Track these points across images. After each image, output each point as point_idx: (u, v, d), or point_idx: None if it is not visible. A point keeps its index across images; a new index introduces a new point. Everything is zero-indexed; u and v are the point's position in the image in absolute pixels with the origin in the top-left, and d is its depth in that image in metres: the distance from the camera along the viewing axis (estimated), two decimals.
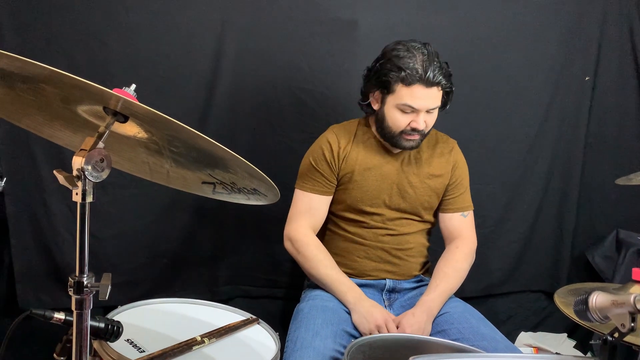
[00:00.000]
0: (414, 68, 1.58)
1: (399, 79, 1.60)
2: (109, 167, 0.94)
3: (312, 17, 2.08)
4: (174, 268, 2.13)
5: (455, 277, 1.76)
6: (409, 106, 1.62)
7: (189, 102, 2.02)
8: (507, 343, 1.56)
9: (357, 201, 1.75)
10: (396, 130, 1.67)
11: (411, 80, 1.59)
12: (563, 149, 2.44)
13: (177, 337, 1.33)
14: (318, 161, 1.75)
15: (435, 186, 1.80)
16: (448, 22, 2.21)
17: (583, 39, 2.37)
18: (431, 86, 1.60)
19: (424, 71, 1.58)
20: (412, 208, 1.79)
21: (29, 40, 1.84)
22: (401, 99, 1.62)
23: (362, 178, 1.74)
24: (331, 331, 1.53)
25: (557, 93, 2.39)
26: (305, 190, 1.77)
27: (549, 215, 2.47)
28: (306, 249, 1.73)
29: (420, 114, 1.64)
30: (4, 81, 0.89)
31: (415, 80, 1.59)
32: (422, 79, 1.59)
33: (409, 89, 1.60)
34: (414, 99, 1.61)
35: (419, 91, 1.60)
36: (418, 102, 1.62)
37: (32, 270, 1.99)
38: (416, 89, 1.60)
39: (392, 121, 1.67)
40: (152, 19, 1.94)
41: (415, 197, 1.78)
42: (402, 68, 1.59)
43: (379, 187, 1.75)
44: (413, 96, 1.61)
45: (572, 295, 1.18)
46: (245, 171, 0.97)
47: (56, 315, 1.08)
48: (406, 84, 1.60)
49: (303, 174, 1.79)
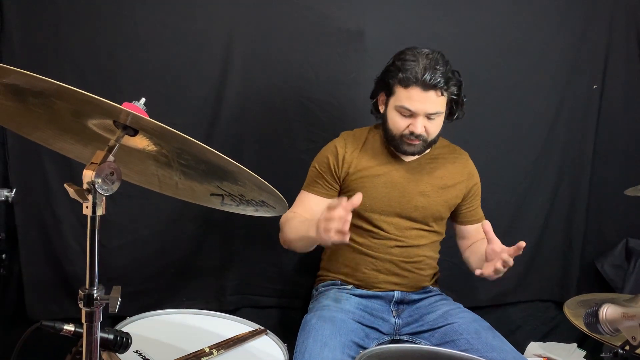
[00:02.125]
0: (413, 70, 1.60)
1: (397, 81, 1.63)
2: (119, 180, 0.95)
3: (320, 28, 2.08)
4: (182, 278, 2.13)
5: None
6: (406, 109, 1.63)
7: (196, 112, 2.03)
8: (516, 354, 1.55)
9: (366, 209, 1.74)
10: (396, 133, 1.68)
11: (408, 82, 1.60)
12: (571, 158, 2.43)
13: (186, 348, 1.33)
14: (321, 164, 1.78)
15: (448, 197, 1.80)
16: (455, 31, 2.21)
17: (590, 47, 2.37)
18: (428, 89, 1.60)
19: (422, 74, 1.59)
20: (423, 218, 1.78)
21: (38, 53, 1.86)
22: (399, 101, 1.64)
23: (372, 185, 1.74)
24: (339, 342, 1.52)
25: (565, 101, 2.38)
26: (305, 190, 1.81)
27: (558, 224, 2.45)
28: (285, 223, 1.74)
29: (418, 118, 1.64)
30: (15, 96, 0.90)
31: (412, 82, 1.60)
32: (418, 81, 1.59)
33: (406, 91, 1.62)
34: (410, 101, 1.62)
35: (415, 94, 1.61)
36: (415, 105, 1.62)
37: (41, 280, 1.99)
38: (413, 91, 1.61)
39: (392, 123, 1.68)
40: (160, 30, 1.96)
41: (427, 206, 1.77)
42: (401, 70, 1.61)
43: (389, 194, 1.74)
44: (410, 98, 1.62)
45: (582, 306, 1.17)
46: (253, 184, 0.98)
47: (66, 327, 1.08)
48: (404, 86, 1.62)
49: (309, 177, 1.82)
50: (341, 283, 1.81)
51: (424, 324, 1.72)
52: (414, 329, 1.73)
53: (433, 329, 1.69)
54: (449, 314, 1.71)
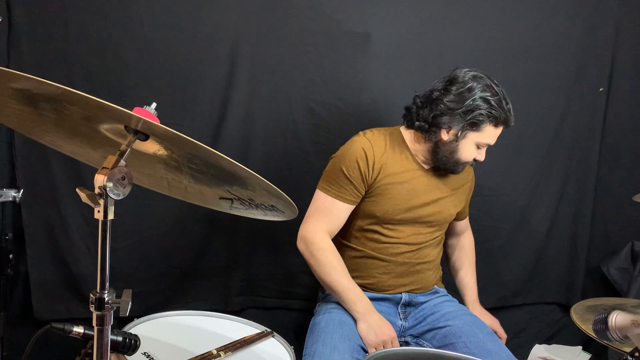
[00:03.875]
0: (504, 111, 1.64)
1: (492, 121, 1.65)
2: (130, 184, 0.95)
3: (326, 30, 2.08)
4: (188, 278, 2.14)
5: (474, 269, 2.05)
6: (487, 144, 1.70)
7: (203, 115, 2.04)
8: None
9: (388, 215, 1.73)
10: (465, 161, 1.72)
11: (501, 122, 1.66)
12: (577, 160, 2.43)
13: (193, 350, 1.34)
14: (351, 169, 1.69)
15: (458, 200, 1.85)
16: (460, 34, 2.21)
17: (597, 50, 2.37)
18: (507, 127, 1.69)
19: (508, 114, 1.65)
20: (437, 222, 1.80)
21: (47, 56, 1.86)
22: (486, 139, 1.68)
23: (396, 191, 1.72)
24: (348, 346, 1.53)
25: (571, 104, 2.38)
26: (329, 194, 1.71)
27: (564, 226, 2.45)
28: (322, 253, 1.69)
29: (484, 149, 1.72)
30: (27, 100, 0.91)
31: (502, 123, 1.66)
32: (507, 123, 1.67)
33: (495, 130, 1.67)
34: (493, 138, 1.69)
35: (498, 132, 1.68)
36: (493, 141, 1.70)
37: (47, 281, 2.00)
38: (499, 130, 1.68)
39: (465, 155, 1.70)
40: (167, 32, 1.96)
41: (442, 211, 1.80)
42: (496, 109, 1.63)
43: (410, 201, 1.74)
44: (494, 136, 1.68)
45: (590, 312, 1.17)
46: (263, 189, 0.98)
47: (75, 329, 1.08)
48: (495, 125, 1.66)
49: (331, 178, 1.72)
50: None
51: (426, 324, 1.73)
52: (417, 329, 1.75)
53: (434, 329, 1.70)
54: (451, 315, 1.73)
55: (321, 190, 1.74)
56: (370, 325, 1.61)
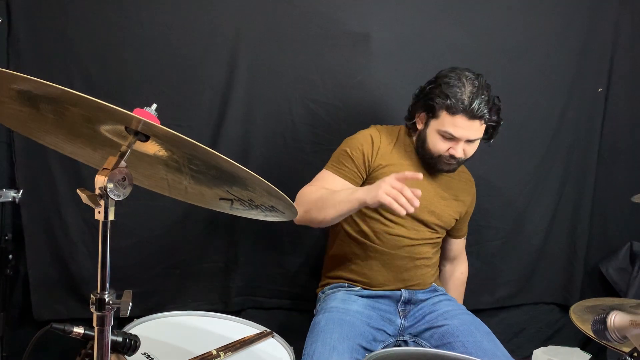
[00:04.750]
0: (460, 98, 1.62)
1: (444, 106, 1.64)
2: (130, 185, 0.95)
3: (325, 30, 2.08)
4: (188, 279, 2.14)
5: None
6: (450, 134, 1.66)
7: (203, 115, 2.04)
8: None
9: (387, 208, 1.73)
10: (435, 153, 1.71)
11: (455, 110, 1.63)
12: (576, 161, 2.43)
13: (193, 351, 1.34)
14: (354, 150, 1.75)
15: (457, 210, 1.87)
16: (461, 34, 2.21)
17: (595, 50, 2.37)
18: (474, 119, 1.64)
19: (469, 103, 1.61)
20: (435, 223, 1.82)
21: (46, 57, 1.86)
22: (443, 126, 1.66)
23: None
24: (348, 346, 1.53)
25: (570, 105, 2.38)
26: (329, 169, 1.76)
27: (562, 227, 2.46)
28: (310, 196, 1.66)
29: (459, 143, 1.68)
30: (28, 101, 0.91)
31: (460, 111, 1.62)
32: (466, 110, 1.62)
33: (452, 118, 1.64)
34: (455, 128, 1.65)
35: (461, 121, 1.64)
36: (459, 132, 1.65)
37: (47, 281, 2.00)
38: (459, 119, 1.64)
39: (432, 144, 1.71)
40: (166, 32, 1.96)
41: (441, 213, 1.81)
42: (449, 96, 1.62)
43: None
44: (455, 125, 1.65)
45: (589, 312, 1.18)
46: (263, 189, 0.98)
47: (75, 330, 1.08)
48: (450, 113, 1.64)
49: (335, 158, 1.79)
50: (348, 285, 1.81)
51: (424, 322, 1.74)
52: (415, 328, 1.75)
53: (432, 327, 1.70)
54: (449, 314, 1.73)
55: (325, 169, 1.79)
56: (371, 196, 1.49)
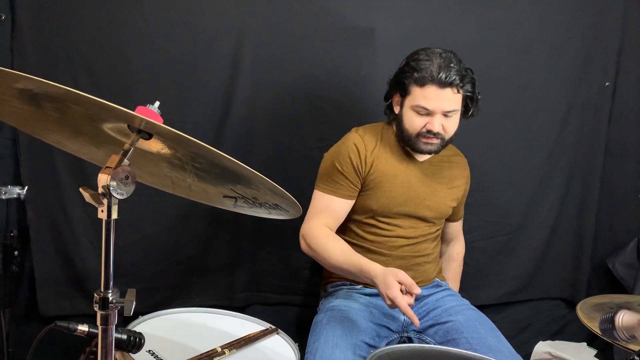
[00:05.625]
0: (428, 69, 1.61)
1: (412, 80, 1.63)
2: (133, 183, 0.95)
3: (330, 25, 2.07)
4: (192, 275, 2.14)
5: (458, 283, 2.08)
6: (423, 107, 1.64)
7: (207, 111, 2.03)
8: (513, 356, 1.55)
9: (383, 208, 1.74)
10: (412, 132, 1.69)
11: (424, 80, 1.61)
12: (583, 156, 2.41)
13: (198, 348, 1.34)
14: (344, 164, 1.72)
15: (454, 197, 1.85)
16: (466, 28, 2.19)
17: (603, 44, 2.34)
18: (444, 87, 1.62)
19: (437, 72, 1.60)
20: (433, 216, 1.81)
21: (50, 53, 1.86)
22: (415, 100, 1.64)
23: (390, 185, 1.74)
24: (350, 343, 1.53)
25: (577, 99, 2.36)
26: (326, 192, 1.74)
27: (569, 222, 2.44)
28: (316, 241, 1.67)
29: (435, 116, 1.65)
30: (31, 100, 0.91)
31: (428, 81, 1.61)
32: (434, 80, 1.61)
33: (422, 90, 1.63)
34: (427, 99, 1.63)
35: (431, 92, 1.62)
36: (431, 103, 1.63)
37: (52, 277, 2.01)
38: (429, 89, 1.62)
39: (408, 123, 1.69)
40: (170, 28, 1.95)
41: (438, 206, 1.80)
42: (417, 69, 1.62)
43: (405, 194, 1.75)
44: (426, 97, 1.62)
45: (596, 310, 1.17)
46: (267, 188, 0.98)
47: (80, 328, 1.08)
48: (420, 85, 1.63)
49: (325, 176, 1.75)
50: (350, 283, 1.81)
51: (429, 319, 1.72)
52: (420, 324, 1.72)
53: (437, 324, 1.69)
54: (453, 310, 1.72)
55: (318, 190, 1.76)
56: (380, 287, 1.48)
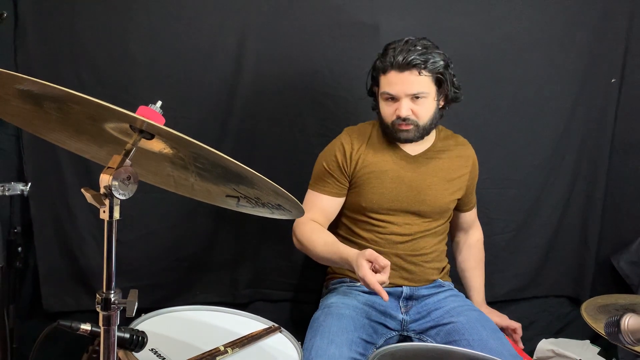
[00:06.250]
0: (389, 55, 1.62)
1: (380, 70, 1.66)
2: (135, 183, 0.94)
3: (334, 21, 2.06)
4: (195, 271, 2.14)
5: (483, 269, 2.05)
6: (387, 93, 1.65)
7: (210, 107, 2.02)
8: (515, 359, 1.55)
9: (374, 205, 1.73)
10: (387, 121, 1.70)
11: (385, 67, 1.63)
12: (588, 152, 2.39)
13: (201, 346, 1.34)
14: (330, 163, 1.76)
15: (454, 190, 1.81)
16: (471, 24, 2.18)
17: (609, 40, 2.32)
18: (403, 70, 1.61)
19: (396, 56, 1.60)
20: (430, 212, 1.77)
21: (53, 49, 1.85)
22: (382, 88, 1.67)
23: (379, 180, 1.73)
24: (347, 339, 1.53)
25: (583, 95, 2.34)
26: (314, 189, 1.78)
27: (574, 219, 2.43)
28: (303, 235, 1.72)
29: (402, 101, 1.64)
30: (32, 100, 0.90)
31: (388, 67, 1.62)
32: (393, 64, 1.61)
33: (385, 77, 1.65)
34: (390, 85, 1.64)
35: (393, 77, 1.63)
36: (394, 88, 1.64)
37: (56, 273, 2.01)
38: (390, 75, 1.63)
39: (382, 112, 1.71)
40: (173, 23, 1.94)
41: (434, 200, 1.77)
42: (380, 59, 1.65)
43: (396, 189, 1.74)
44: (389, 83, 1.64)
45: (601, 312, 1.16)
46: (270, 189, 0.97)
47: (82, 327, 1.08)
48: (383, 72, 1.65)
49: (315, 175, 1.80)
50: (350, 280, 1.80)
51: (430, 320, 1.72)
52: (421, 325, 1.73)
53: (438, 325, 1.69)
54: (455, 311, 1.71)
55: (310, 188, 1.81)
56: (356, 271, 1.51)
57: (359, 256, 1.50)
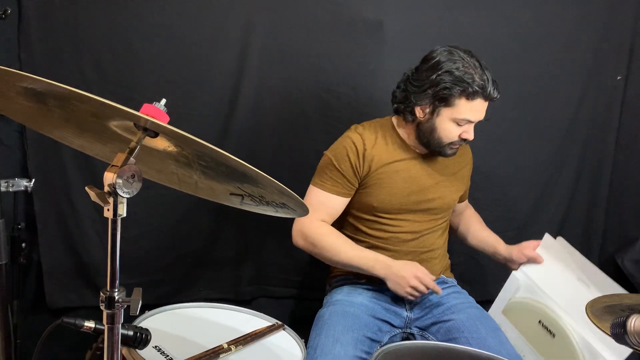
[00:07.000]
0: (476, 82, 1.58)
1: (463, 94, 1.59)
2: (139, 181, 0.94)
3: (337, 18, 2.05)
4: (199, 268, 2.15)
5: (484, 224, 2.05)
6: (468, 120, 1.63)
7: (214, 103, 2.02)
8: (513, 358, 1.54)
9: (386, 205, 1.73)
10: (446, 141, 1.68)
11: (475, 95, 1.59)
12: (593, 150, 2.38)
13: (204, 344, 1.34)
14: (341, 161, 1.71)
15: (458, 184, 1.85)
16: (475, 21, 2.16)
17: (615, 37, 2.30)
18: (489, 100, 1.63)
19: (485, 85, 1.59)
20: (440, 209, 1.79)
21: (57, 45, 1.86)
22: (461, 114, 1.62)
23: (391, 181, 1.72)
24: (352, 337, 1.53)
25: (588, 92, 2.33)
26: (322, 188, 1.73)
27: (578, 217, 2.42)
28: (322, 239, 1.70)
29: (472, 126, 1.66)
30: (36, 97, 0.90)
31: (479, 95, 1.59)
32: (484, 94, 1.60)
33: (470, 103, 1.61)
34: (474, 112, 1.62)
35: (479, 105, 1.62)
36: (476, 116, 1.64)
37: (59, 269, 2.02)
38: (477, 103, 1.61)
39: (444, 133, 1.66)
40: (177, 19, 1.94)
41: (442, 197, 1.78)
42: (465, 82, 1.58)
43: (408, 189, 1.73)
44: (473, 110, 1.62)
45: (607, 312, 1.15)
46: (274, 188, 0.97)
47: (86, 324, 1.09)
48: (469, 99, 1.60)
49: (322, 172, 1.75)
50: (355, 277, 1.80)
51: (432, 316, 1.71)
52: (423, 321, 1.73)
53: (439, 322, 1.68)
54: (456, 308, 1.71)
55: (314, 185, 1.76)
56: (393, 280, 1.64)
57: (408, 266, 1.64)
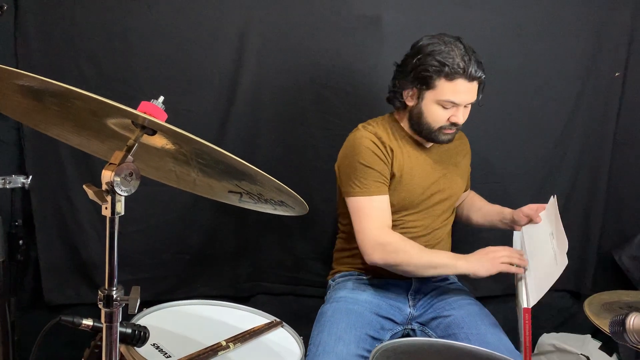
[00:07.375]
0: (455, 62, 1.57)
1: (441, 74, 1.59)
2: (137, 179, 0.93)
3: (336, 14, 2.04)
4: (197, 264, 2.14)
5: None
6: (451, 102, 1.62)
7: (212, 100, 2.02)
8: (511, 353, 1.54)
9: (403, 203, 1.72)
10: (435, 125, 1.66)
11: (454, 75, 1.58)
12: (591, 147, 2.38)
13: (202, 341, 1.34)
14: (373, 163, 1.65)
15: (462, 173, 1.86)
16: (474, 17, 2.15)
17: (613, 34, 2.30)
18: (472, 80, 1.61)
19: (465, 65, 1.57)
20: (448, 201, 1.80)
21: (54, 41, 1.85)
22: (443, 95, 1.61)
23: (409, 178, 1.72)
24: (354, 336, 1.52)
25: (586, 89, 2.32)
26: (369, 194, 1.65)
27: (576, 214, 2.41)
28: (404, 246, 1.63)
29: (459, 109, 1.64)
30: (33, 95, 0.89)
31: (458, 75, 1.58)
32: (465, 73, 1.58)
33: (451, 84, 1.59)
34: (456, 93, 1.60)
35: (461, 86, 1.60)
36: (460, 97, 1.61)
37: (57, 266, 2.02)
38: (459, 83, 1.59)
39: (431, 117, 1.65)
40: (175, 15, 1.93)
41: (451, 188, 1.80)
42: (444, 63, 1.57)
43: (422, 185, 1.74)
44: (455, 91, 1.60)
45: (606, 310, 1.16)
46: (272, 186, 0.96)
47: (84, 322, 1.08)
48: (449, 79, 1.59)
49: (356, 179, 1.65)
50: (359, 274, 1.80)
51: (432, 311, 1.72)
52: (423, 317, 1.73)
53: (439, 317, 1.68)
54: (456, 303, 1.71)
55: (358, 195, 1.66)
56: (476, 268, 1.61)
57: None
